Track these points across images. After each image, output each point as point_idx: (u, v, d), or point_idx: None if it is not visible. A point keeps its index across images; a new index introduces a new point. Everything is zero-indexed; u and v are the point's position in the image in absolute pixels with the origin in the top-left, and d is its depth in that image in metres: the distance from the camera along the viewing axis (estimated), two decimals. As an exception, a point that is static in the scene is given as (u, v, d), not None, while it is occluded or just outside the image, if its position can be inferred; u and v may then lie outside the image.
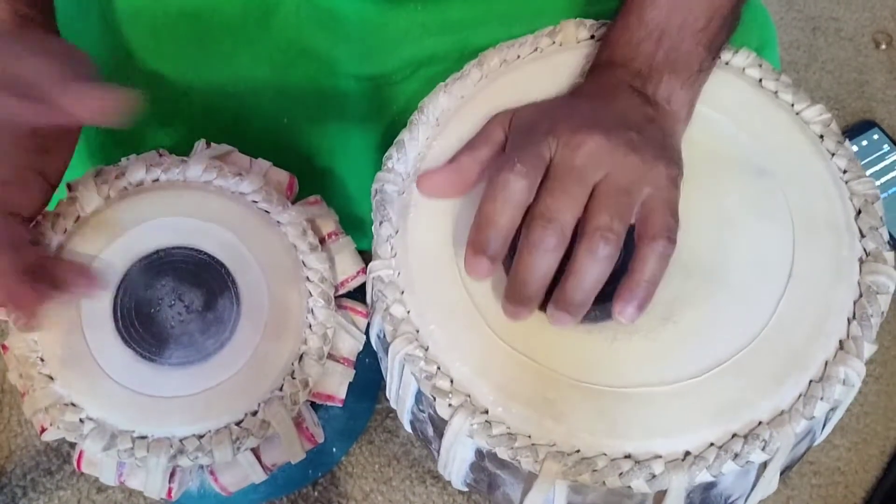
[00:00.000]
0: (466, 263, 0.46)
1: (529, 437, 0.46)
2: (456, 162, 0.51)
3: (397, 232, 0.52)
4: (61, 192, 0.56)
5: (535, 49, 0.58)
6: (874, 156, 0.92)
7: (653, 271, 0.45)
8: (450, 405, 0.47)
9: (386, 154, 0.55)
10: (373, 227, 0.53)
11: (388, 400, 0.75)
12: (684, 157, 0.51)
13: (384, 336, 0.51)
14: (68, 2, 0.65)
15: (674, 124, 0.52)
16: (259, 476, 0.55)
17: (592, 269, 0.45)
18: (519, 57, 0.58)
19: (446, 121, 0.55)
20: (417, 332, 0.49)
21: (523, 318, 0.47)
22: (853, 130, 0.94)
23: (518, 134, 0.50)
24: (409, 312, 0.50)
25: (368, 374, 0.73)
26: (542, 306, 0.47)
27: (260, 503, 0.73)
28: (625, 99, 0.50)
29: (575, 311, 0.46)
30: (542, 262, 0.45)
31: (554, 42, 0.58)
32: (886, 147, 0.92)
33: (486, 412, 0.47)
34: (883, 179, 0.91)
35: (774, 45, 0.69)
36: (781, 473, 0.50)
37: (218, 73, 0.67)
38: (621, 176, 0.46)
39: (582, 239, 0.45)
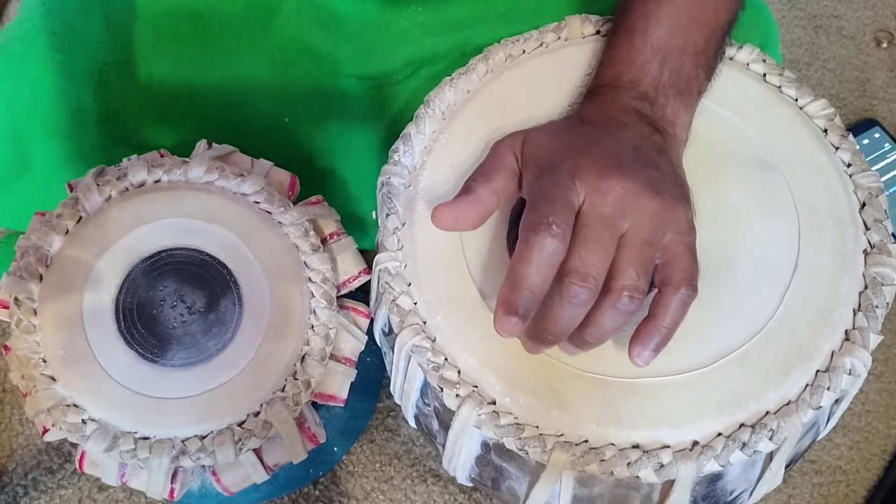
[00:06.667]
0: (497, 321, 0.44)
1: (537, 427, 0.46)
2: (473, 194, 0.47)
3: (404, 224, 0.52)
4: (62, 193, 0.56)
5: (541, 44, 0.58)
6: (875, 154, 0.92)
7: (674, 318, 0.44)
8: (457, 396, 0.47)
9: (392, 147, 0.54)
10: (379, 220, 0.53)
11: (389, 398, 0.75)
12: (690, 152, 0.51)
13: (390, 329, 0.51)
14: (70, 0, 0.65)
15: (678, 149, 0.51)
16: (261, 476, 0.55)
17: (614, 322, 0.44)
18: (524, 52, 0.58)
19: (452, 115, 0.55)
20: (424, 323, 0.49)
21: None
22: (854, 129, 0.93)
23: (536, 169, 0.47)
24: (415, 304, 0.50)
25: (370, 372, 0.73)
26: None
27: (261, 502, 0.73)
28: (634, 127, 0.49)
29: (588, 349, 0.46)
30: (573, 314, 0.44)
31: (559, 37, 0.58)
32: (887, 146, 0.92)
33: (494, 402, 0.47)
34: (884, 178, 0.90)
35: (776, 44, 0.69)
36: (785, 468, 0.50)
37: (219, 72, 0.67)
38: (645, 224, 0.45)
39: (609, 295, 0.44)
